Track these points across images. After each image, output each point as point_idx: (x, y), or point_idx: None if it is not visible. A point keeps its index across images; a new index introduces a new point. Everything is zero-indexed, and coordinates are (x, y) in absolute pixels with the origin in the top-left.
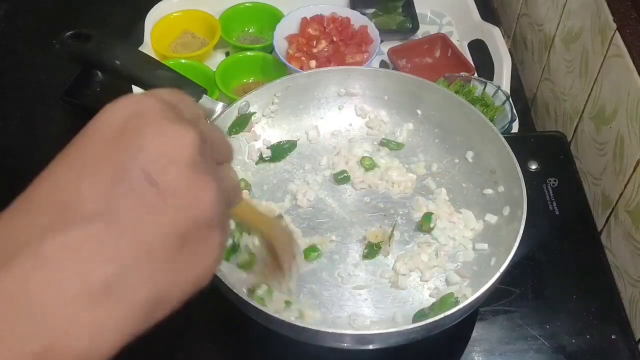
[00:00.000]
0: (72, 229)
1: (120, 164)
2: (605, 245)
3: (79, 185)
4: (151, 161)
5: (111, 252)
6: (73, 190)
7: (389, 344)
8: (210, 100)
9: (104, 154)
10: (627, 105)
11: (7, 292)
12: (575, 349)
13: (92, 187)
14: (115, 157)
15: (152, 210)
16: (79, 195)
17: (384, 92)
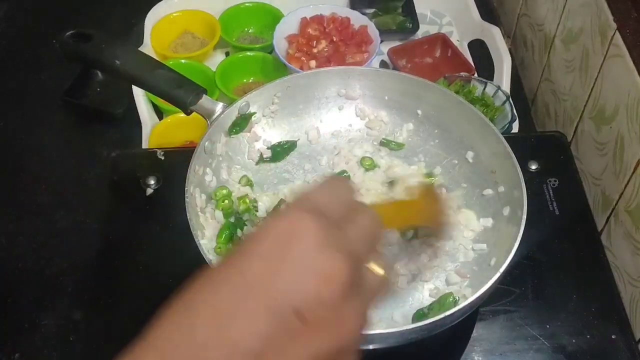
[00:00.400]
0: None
1: (273, 301)
2: (605, 245)
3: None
4: (302, 300)
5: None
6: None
7: (388, 344)
8: (210, 101)
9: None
10: (627, 105)
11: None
12: (575, 349)
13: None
14: (268, 292)
15: (299, 342)
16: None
17: (384, 92)
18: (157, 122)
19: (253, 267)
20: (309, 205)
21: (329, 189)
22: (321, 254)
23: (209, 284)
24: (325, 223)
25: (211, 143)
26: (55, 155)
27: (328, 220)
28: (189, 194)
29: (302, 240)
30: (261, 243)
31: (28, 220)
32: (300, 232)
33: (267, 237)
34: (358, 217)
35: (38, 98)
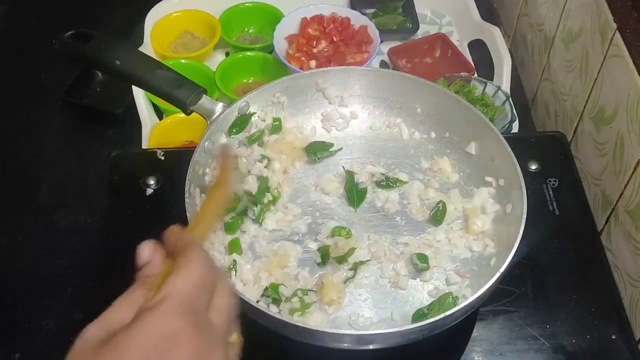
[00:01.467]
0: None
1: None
2: (605, 245)
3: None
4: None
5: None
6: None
7: (389, 344)
8: (210, 101)
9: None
10: (627, 105)
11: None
12: (575, 349)
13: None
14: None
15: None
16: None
17: (384, 92)
18: (157, 122)
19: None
20: (179, 303)
21: (193, 275)
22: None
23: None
24: (198, 323)
25: (211, 143)
26: (55, 155)
27: (198, 317)
28: (189, 194)
29: (179, 346)
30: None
31: (28, 220)
32: (175, 338)
33: (141, 345)
34: (220, 298)
35: (38, 98)
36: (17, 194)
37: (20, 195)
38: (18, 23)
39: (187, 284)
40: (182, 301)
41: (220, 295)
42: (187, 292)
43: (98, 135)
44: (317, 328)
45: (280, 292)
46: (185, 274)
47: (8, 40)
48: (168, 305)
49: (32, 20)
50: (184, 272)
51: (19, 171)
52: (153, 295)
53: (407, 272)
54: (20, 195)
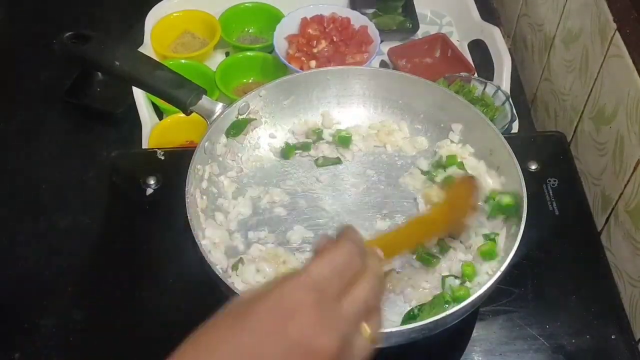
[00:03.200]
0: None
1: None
2: (605, 246)
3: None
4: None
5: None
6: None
7: (389, 343)
8: (210, 101)
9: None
10: (627, 105)
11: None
12: (575, 349)
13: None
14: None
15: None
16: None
17: (384, 92)
18: (157, 122)
19: (249, 342)
20: (311, 281)
21: (336, 258)
22: (314, 334)
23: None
24: (322, 302)
25: (211, 143)
26: (55, 155)
27: (326, 297)
28: (189, 194)
29: (296, 317)
30: (261, 316)
31: (28, 220)
32: (297, 311)
33: (267, 311)
34: (359, 288)
35: (38, 98)
36: (17, 194)
37: (20, 195)
38: (18, 23)
39: (326, 265)
40: (314, 278)
41: (361, 287)
42: (321, 272)
43: (98, 135)
44: None
45: None
46: (329, 256)
47: (8, 41)
48: (300, 279)
49: (32, 20)
50: (328, 254)
51: (19, 171)
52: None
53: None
54: (20, 195)
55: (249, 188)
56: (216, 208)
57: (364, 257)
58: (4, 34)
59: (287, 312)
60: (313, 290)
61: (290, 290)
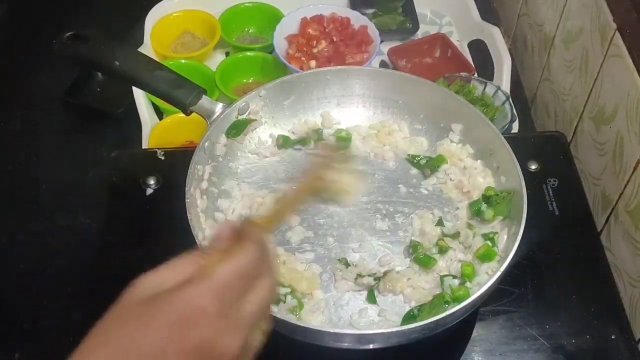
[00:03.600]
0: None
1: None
2: (605, 246)
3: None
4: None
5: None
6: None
7: (389, 343)
8: (210, 101)
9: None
10: (627, 105)
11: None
12: (575, 349)
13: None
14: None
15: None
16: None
17: (383, 92)
18: (157, 122)
19: (151, 340)
20: (215, 287)
21: (238, 263)
22: (217, 337)
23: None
24: (225, 307)
25: (211, 143)
26: (55, 155)
27: (229, 303)
28: (189, 194)
29: (201, 323)
30: (165, 316)
31: (28, 220)
32: (201, 315)
33: (171, 312)
34: (257, 289)
35: (38, 98)
36: (17, 194)
37: (20, 195)
38: (18, 23)
39: (229, 270)
40: (218, 284)
41: (260, 288)
42: (226, 278)
43: (98, 135)
44: (317, 328)
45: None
46: (232, 261)
47: (8, 40)
48: (205, 284)
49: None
50: (231, 259)
51: (19, 171)
52: (200, 270)
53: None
54: (20, 195)
55: (249, 188)
56: (216, 208)
57: (266, 260)
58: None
59: (192, 317)
60: (217, 299)
61: (196, 296)
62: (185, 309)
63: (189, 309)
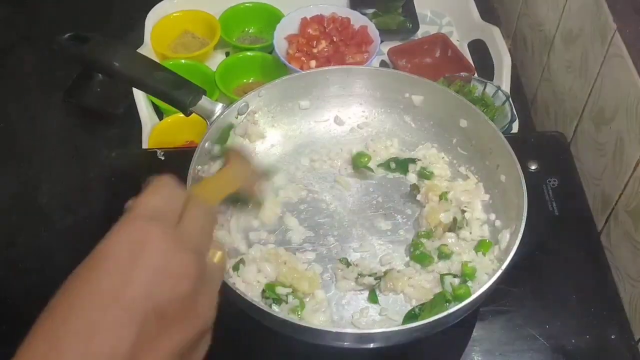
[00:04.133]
0: None
1: (133, 305)
2: (605, 246)
3: (101, 335)
4: (160, 300)
5: None
6: (98, 341)
7: (390, 342)
8: (210, 102)
9: (115, 296)
10: (627, 106)
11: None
12: (575, 349)
13: (112, 335)
14: (127, 299)
15: (164, 337)
16: (106, 344)
17: (383, 92)
18: (157, 122)
19: (109, 278)
20: (146, 212)
21: (161, 191)
22: (169, 254)
23: (74, 296)
24: (165, 226)
25: (211, 143)
26: (55, 155)
27: (166, 223)
28: None
29: (149, 246)
30: (113, 253)
31: (28, 220)
32: (146, 239)
33: (116, 246)
34: (190, 212)
35: (38, 98)
36: (17, 194)
37: (21, 195)
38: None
39: (152, 198)
40: (149, 209)
41: (191, 209)
42: (153, 203)
43: (98, 135)
44: (318, 327)
45: (278, 292)
46: (152, 191)
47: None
48: (135, 213)
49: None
50: (151, 189)
51: (19, 171)
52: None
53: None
54: (21, 195)
55: None
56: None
57: (183, 189)
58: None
59: (137, 241)
60: (152, 220)
61: (132, 224)
62: (127, 239)
63: (131, 237)
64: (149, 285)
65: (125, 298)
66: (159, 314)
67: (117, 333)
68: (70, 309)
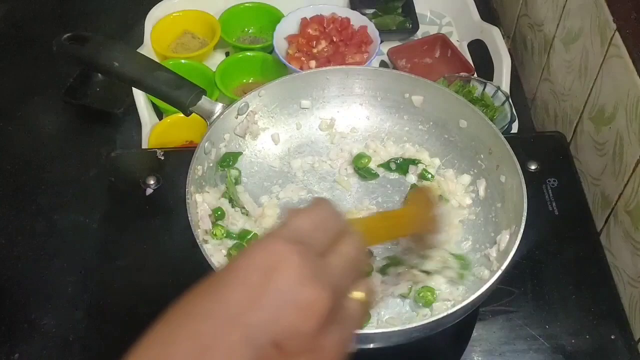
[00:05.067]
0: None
1: (253, 332)
2: (604, 246)
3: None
4: (280, 331)
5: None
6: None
7: (390, 343)
8: (210, 102)
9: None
10: (626, 106)
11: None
12: (575, 349)
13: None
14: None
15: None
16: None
17: (383, 92)
18: (157, 122)
19: (234, 298)
20: (292, 234)
21: (314, 215)
22: (302, 286)
23: (190, 313)
24: (307, 254)
25: (211, 144)
26: (55, 155)
27: (310, 251)
28: (189, 194)
29: (283, 271)
30: (243, 273)
31: (28, 220)
32: (282, 263)
33: (249, 266)
34: (342, 245)
35: (38, 98)
36: (17, 194)
37: (20, 195)
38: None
39: (304, 221)
40: (295, 231)
41: (344, 243)
42: (302, 227)
43: (98, 135)
44: None
45: None
46: (304, 214)
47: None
48: (277, 232)
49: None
50: (304, 213)
51: (19, 171)
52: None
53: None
54: (20, 195)
55: (249, 189)
56: None
57: (343, 218)
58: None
59: (271, 264)
60: (296, 243)
61: (272, 243)
62: (262, 257)
63: (267, 256)
64: (273, 315)
65: (246, 324)
66: (278, 346)
67: (230, 357)
68: (183, 327)
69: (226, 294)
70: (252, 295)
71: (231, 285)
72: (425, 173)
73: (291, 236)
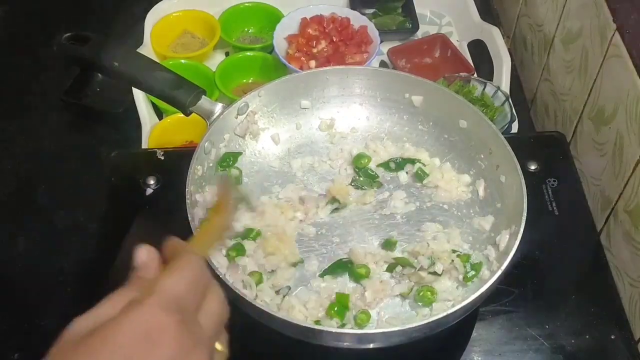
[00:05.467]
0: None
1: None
2: (604, 246)
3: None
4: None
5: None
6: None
7: (390, 343)
8: (209, 102)
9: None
10: (626, 106)
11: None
12: (575, 349)
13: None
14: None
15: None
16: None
17: (383, 92)
18: (157, 122)
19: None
20: (167, 299)
21: (186, 274)
22: (184, 352)
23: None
24: (183, 318)
25: (211, 144)
26: (55, 155)
27: (186, 315)
28: (189, 194)
29: (165, 340)
30: (124, 341)
31: (28, 220)
32: (162, 331)
33: (128, 334)
34: (210, 302)
35: (38, 98)
36: (17, 194)
37: (20, 195)
38: (18, 23)
39: (177, 283)
40: (170, 298)
41: (211, 300)
42: (177, 290)
43: (98, 135)
44: (319, 327)
45: None
46: (176, 274)
47: (8, 40)
48: (155, 299)
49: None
50: (175, 272)
51: (19, 171)
52: (143, 291)
53: None
54: (20, 195)
55: (249, 190)
56: None
57: (208, 272)
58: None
59: (152, 336)
60: (174, 311)
61: (150, 312)
62: (141, 328)
63: (146, 327)
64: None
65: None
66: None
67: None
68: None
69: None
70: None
71: (116, 353)
72: (420, 172)
73: (168, 301)
